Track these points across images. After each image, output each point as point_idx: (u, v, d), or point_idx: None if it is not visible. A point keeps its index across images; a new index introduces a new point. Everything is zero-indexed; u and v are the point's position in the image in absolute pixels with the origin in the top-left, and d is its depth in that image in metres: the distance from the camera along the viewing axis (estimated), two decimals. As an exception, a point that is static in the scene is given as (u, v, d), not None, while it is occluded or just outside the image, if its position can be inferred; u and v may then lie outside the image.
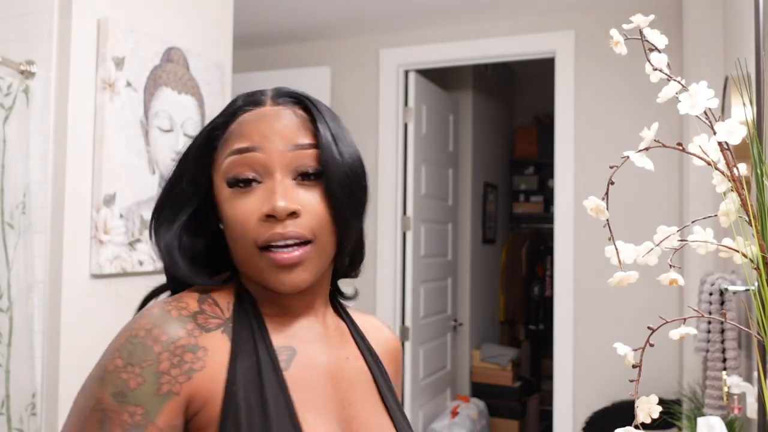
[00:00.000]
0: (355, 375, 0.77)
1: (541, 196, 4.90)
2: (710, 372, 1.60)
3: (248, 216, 0.69)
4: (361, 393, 0.76)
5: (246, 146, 0.70)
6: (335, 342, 0.78)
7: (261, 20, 3.10)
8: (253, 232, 0.69)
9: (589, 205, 0.62)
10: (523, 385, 4.11)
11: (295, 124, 0.73)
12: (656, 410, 0.59)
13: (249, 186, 0.70)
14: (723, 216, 0.63)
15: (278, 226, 0.68)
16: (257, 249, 0.69)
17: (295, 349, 0.72)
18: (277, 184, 0.69)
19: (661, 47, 0.62)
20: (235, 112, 0.75)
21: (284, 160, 0.70)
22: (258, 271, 0.70)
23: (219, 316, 0.71)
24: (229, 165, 0.71)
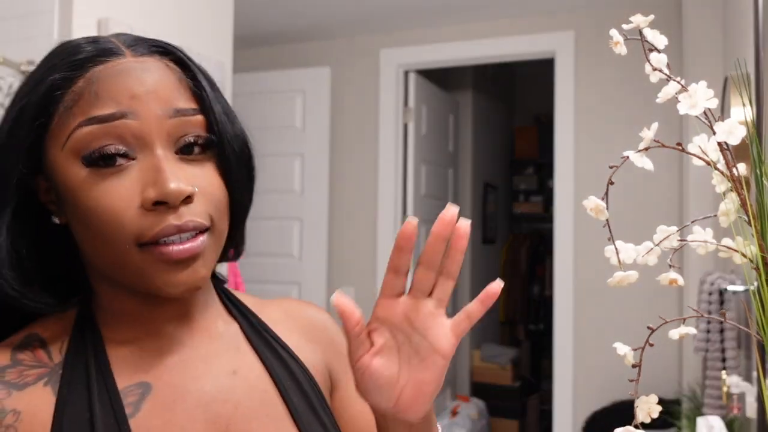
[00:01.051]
0: (245, 391, 0.60)
1: (541, 196, 4.90)
2: (710, 372, 1.60)
3: (123, 204, 0.52)
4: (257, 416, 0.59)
5: (111, 112, 0.52)
6: (219, 355, 0.61)
7: (261, 20, 3.10)
8: (132, 225, 0.52)
9: (589, 205, 0.62)
10: (523, 385, 4.11)
11: (171, 82, 0.56)
12: (656, 410, 0.59)
13: (114, 164, 0.53)
14: (722, 216, 0.63)
15: (170, 216, 0.52)
16: (136, 246, 0.53)
17: (149, 385, 0.56)
18: (162, 161, 0.53)
19: (661, 47, 0.62)
20: (80, 64, 0.54)
21: (164, 129, 0.54)
22: (135, 274, 0.54)
23: (43, 364, 0.55)
24: (85, 137, 0.52)
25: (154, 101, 0.54)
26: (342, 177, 3.25)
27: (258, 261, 3.09)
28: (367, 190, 3.23)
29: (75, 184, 0.53)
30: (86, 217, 0.53)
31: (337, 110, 3.27)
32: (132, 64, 0.55)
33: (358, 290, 3.17)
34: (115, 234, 0.52)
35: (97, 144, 0.52)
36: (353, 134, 3.27)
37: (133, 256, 0.53)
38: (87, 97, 0.53)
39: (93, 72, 0.54)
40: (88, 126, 0.52)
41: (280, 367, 0.63)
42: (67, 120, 0.53)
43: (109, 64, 0.55)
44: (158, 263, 0.53)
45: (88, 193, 0.53)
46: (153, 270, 0.53)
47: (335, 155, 3.25)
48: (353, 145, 3.27)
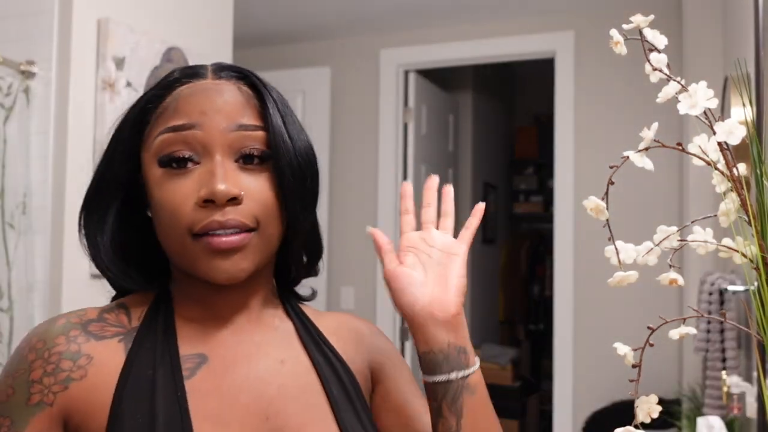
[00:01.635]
0: (289, 380, 0.67)
1: (541, 196, 4.90)
2: (710, 372, 1.60)
3: (182, 200, 0.62)
4: (298, 400, 0.66)
5: (183, 123, 0.63)
6: (271, 344, 0.69)
7: (261, 20, 3.10)
8: (188, 217, 0.62)
9: (589, 205, 0.62)
10: (523, 385, 4.11)
11: (239, 102, 0.66)
12: (656, 410, 0.59)
13: (184, 167, 0.63)
14: (723, 216, 0.63)
15: (217, 213, 0.61)
16: (190, 236, 0.62)
17: (205, 356, 0.65)
18: (217, 166, 0.62)
19: (661, 47, 0.62)
20: (170, 84, 0.66)
21: (226, 140, 0.63)
22: (190, 259, 0.63)
23: (122, 325, 0.65)
24: (161, 143, 0.63)
25: (219, 116, 0.64)
26: (342, 177, 3.25)
27: (258, 261, 3.09)
28: (367, 190, 3.23)
29: (152, 181, 0.64)
30: (157, 209, 0.64)
31: (337, 110, 3.27)
32: (209, 85, 0.66)
33: (358, 290, 3.17)
34: (174, 224, 0.62)
35: (170, 149, 0.63)
36: (353, 134, 3.27)
37: (187, 245, 0.63)
38: (169, 110, 0.65)
39: (178, 90, 0.66)
40: (165, 134, 0.63)
41: (325, 364, 0.70)
42: (154, 129, 0.65)
43: (191, 84, 0.66)
44: (205, 251, 0.62)
45: (160, 188, 0.63)
46: (201, 257, 0.62)
47: (335, 155, 3.25)
48: (353, 145, 3.27)
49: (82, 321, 0.64)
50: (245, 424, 0.63)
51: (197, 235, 0.62)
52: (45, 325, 0.64)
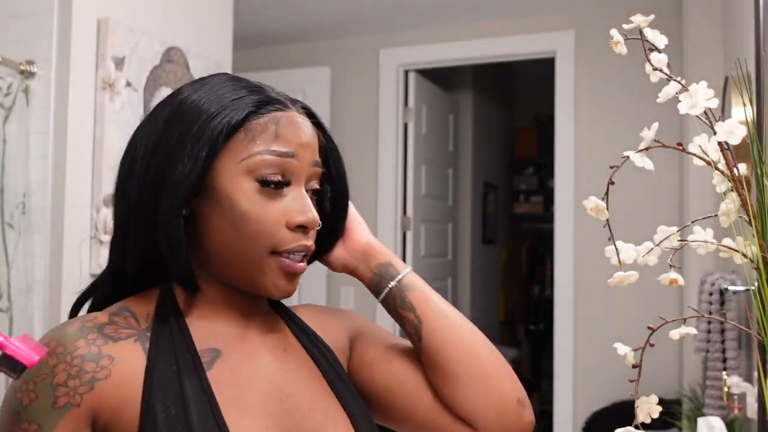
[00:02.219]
0: (293, 366, 0.74)
1: (541, 196, 4.90)
2: (710, 372, 1.60)
3: (276, 219, 0.68)
4: (303, 383, 0.73)
5: (288, 151, 0.69)
6: (271, 335, 0.76)
7: (261, 20, 3.10)
8: (277, 237, 0.68)
9: (589, 205, 0.62)
10: (523, 385, 4.11)
11: (315, 140, 0.74)
12: (656, 410, 0.59)
13: (276, 188, 0.69)
14: (723, 216, 0.63)
15: (304, 238, 0.70)
16: (269, 253, 0.69)
17: (219, 350, 0.70)
18: (305, 197, 0.71)
19: (661, 47, 0.62)
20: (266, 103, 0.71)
21: (308, 174, 0.72)
22: (257, 273, 0.69)
23: (133, 327, 0.69)
24: (263, 162, 0.68)
25: (309, 151, 0.72)
26: (342, 177, 3.24)
27: (258, 261, 3.08)
28: (367, 190, 3.22)
29: (242, 193, 0.68)
30: (241, 221, 0.68)
31: (337, 110, 3.27)
32: (299, 118, 0.73)
33: (357, 290, 3.17)
34: (260, 238, 0.68)
35: (271, 170, 0.68)
36: (353, 134, 3.27)
37: (263, 260, 0.69)
38: (271, 132, 0.69)
39: (275, 114, 0.71)
40: (268, 155, 0.68)
41: (315, 349, 0.77)
42: (249, 144, 0.69)
43: (286, 112, 0.72)
44: (279, 270, 0.69)
45: (251, 203, 0.68)
46: (273, 274, 0.69)
47: (335, 155, 3.24)
48: (353, 145, 3.26)
49: (96, 324, 0.67)
50: (265, 408, 0.69)
51: (275, 253, 0.69)
52: (60, 329, 0.66)
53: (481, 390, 0.73)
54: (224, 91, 0.71)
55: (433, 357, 0.74)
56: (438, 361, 0.74)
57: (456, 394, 0.73)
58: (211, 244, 0.70)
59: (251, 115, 0.70)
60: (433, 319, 0.76)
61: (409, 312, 0.76)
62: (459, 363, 0.73)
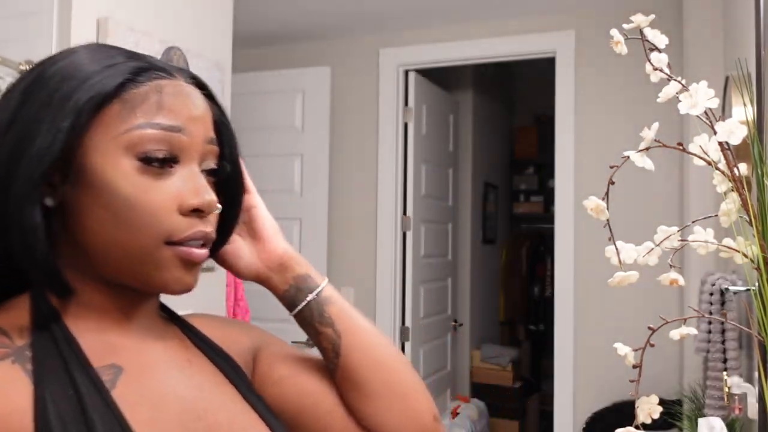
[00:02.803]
0: (202, 379, 0.66)
1: (541, 196, 4.90)
2: (711, 372, 1.59)
3: (166, 204, 0.58)
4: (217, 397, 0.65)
5: (175, 124, 0.59)
6: (172, 347, 0.67)
7: (261, 20, 3.09)
8: (170, 224, 0.58)
9: (590, 205, 0.62)
10: (523, 386, 4.11)
11: (208, 114, 0.64)
12: (657, 410, 0.59)
13: (162, 167, 0.59)
14: (723, 216, 0.62)
15: (201, 224, 0.60)
16: (163, 243, 0.58)
17: (119, 366, 0.60)
18: (199, 176, 0.61)
19: (662, 47, 0.62)
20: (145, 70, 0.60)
21: (202, 151, 0.62)
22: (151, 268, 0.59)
23: (4, 345, 0.57)
24: (145, 137, 0.58)
25: (201, 126, 0.62)
26: (342, 177, 3.24)
27: (258, 261, 3.08)
28: (367, 190, 3.22)
29: (121, 174, 0.57)
30: (123, 207, 0.57)
31: (337, 110, 3.27)
32: (187, 88, 0.63)
33: (357, 290, 3.17)
34: (150, 228, 0.58)
35: (154, 146, 0.58)
36: (353, 134, 3.27)
37: (158, 252, 0.59)
38: (152, 103, 0.59)
39: (158, 83, 0.60)
40: (151, 129, 0.58)
41: (220, 359, 0.70)
42: (127, 117, 0.58)
43: (171, 81, 0.61)
44: (178, 261, 0.60)
45: (133, 186, 0.57)
46: (171, 267, 0.59)
47: (335, 155, 3.25)
48: (353, 145, 3.26)
49: None
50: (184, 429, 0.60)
51: (171, 243, 0.59)
52: None
53: (399, 408, 0.70)
54: (96, 57, 0.60)
55: (352, 374, 0.70)
56: (357, 379, 0.70)
57: (374, 411, 0.70)
58: (89, 239, 0.59)
59: (128, 84, 0.59)
60: (352, 335, 0.71)
61: (327, 327, 0.71)
62: (378, 381, 0.70)
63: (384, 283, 3.16)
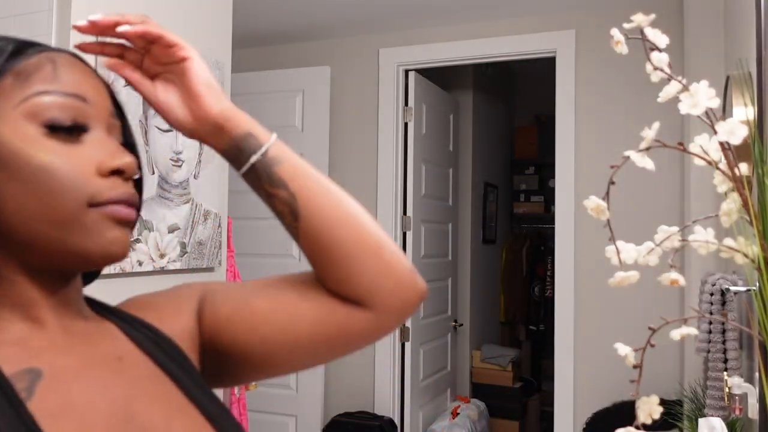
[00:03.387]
0: (134, 375, 0.60)
1: (542, 196, 4.90)
2: (711, 373, 1.59)
3: (84, 167, 0.56)
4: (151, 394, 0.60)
5: (75, 92, 0.57)
6: (101, 342, 0.61)
7: (261, 20, 3.09)
8: (91, 186, 0.55)
9: (590, 205, 0.62)
10: (524, 386, 4.11)
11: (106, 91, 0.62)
12: (657, 411, 0.59)
13: (71, 133, 0.56)
14: (724, 216, 0.62)
15: (122, 185, 0.58)
16: (86, 206, 0.55)
17: (39, 371, 0.54)
18: (113, 140, 0.59)
19: (662, 46, 0.62)
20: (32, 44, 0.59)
21: (108, 123, 0.60)
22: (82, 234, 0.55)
23: None
24: (47, 104, 0.55)
25: (102, 97, 0.60)
26: (341, 176, 3.24)
27: (258, 261, 3.08)
28: (367, 190, 3.22)
29: (28, 143, 0.54)
30: (39, 174, 0.54)
31: (337, 110, 3.27)
32: (81, 63, 0.61)
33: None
34: (70, 192, 0.55)
35: (58, 114, 0.56)
36: (353, 134, 3.27)
37: (84, 216, 0.55)
38: (48, 71, 0.57)
39: (48, 54, 0.58)
40: (53, 96, 0.56)
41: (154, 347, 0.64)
42: (23, 86, 0.56)
43: (61, 53, 0.59)
44: (108, 221, 0.57)
45: (47, 152, 0.55)
46: (102, 229, 0.56)
47: (335, 155, 3.25)
48: (353, 145, 3.26)
49: None
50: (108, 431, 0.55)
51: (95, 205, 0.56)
52: None
53: (374, 265, 0.65)
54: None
55: (317, 237, 0.65)
56: (323, 241, 0.65)
57: (346, 274, 0.65)
58: (11, 220, 0.55)
59: (16, 56, 0.57)
60: (309, 194, 0.65)
61: (279, 188, 0.65)
62: (348, 239, 0.65)
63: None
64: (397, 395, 3.17)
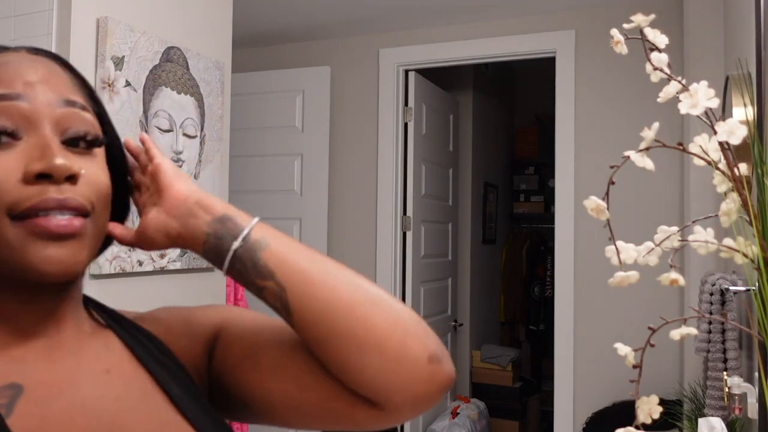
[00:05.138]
0: (122, 387, 0.58)
1: (541, 196, 4.90)
2: (711, 372, 1.59)
3: (3, 176, 0.52)
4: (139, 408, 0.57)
5: (4, 92, 0.54)
6: (91, 355, 0.59)
7: (261, 20, 3.09)
8: (11, 195, 0.51)
9: (590, 205, 0.62)
10: (524, 386, 4.11)
11: (64, 77, 0.59)
12: (657, 411, 0.59)
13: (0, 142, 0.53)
14: (724, 216, 0.62)
15: (52, 190, 0.52)
16: (8, 218, 0.51)
17: (20, 387, 0.52)
18: (50, 140, 0.54)
19: (662, 47, 0.62)
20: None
21: (54, 117, 0.55)
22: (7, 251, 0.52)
23: None
24: None
25: (46, 89, 0.56)
26: (342, 177, 3.24)
27: (258, 261, 3.08)
28: (367, 190, 3.22)
29: None
30: None
31: (337, 110, 3.27)
32: (26, 56, 0.58)
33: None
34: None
35: None
36: (353, 134, 3.27)
37: (5, 230, 0.51)
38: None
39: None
40: None
41: (154, 361, 0.61)
42: None
43: (4, 53, 0.57)
44: (34, 237, 0.51)
45: None
46: (28, 245, 0.52)
47: (335, 155, 3.25)
48: (353, 145, 3.26)
49: None
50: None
51: (20, 217, 0.51)
52: None
53: (377, 360, 0.56)
54: None
55: (311, 331, 0.58)
56: (318, 335, 0.57)
57: (347, 369, 0.57)
58: None
59: None
60: (301, 283, 0.58)
61: (267, 280, 0.58)
62: (344, 332, 0.57)
63: (384, 283, 3.16)
64: (397, 395, 3.17)
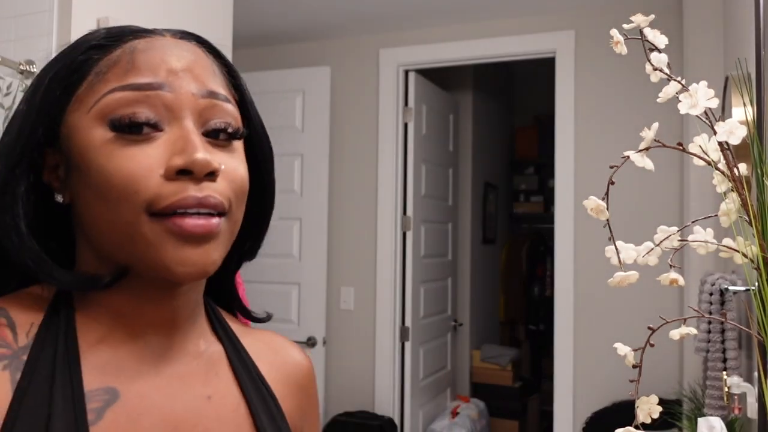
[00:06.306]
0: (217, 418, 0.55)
1: (541, 196, 4.90)
2: (710, 372, 1.59)
3: (145, 170, 0.49)
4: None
5: (148, 81, 0.51)
6: (196, 375, 0.56)
7: (261, 20, 3.10)
8: (151, 191, 0.49)
9: (590, 205, 0.62)
10: (524, 386, 4.11)
11: (208, 66, 0.55)
12: (656, 410, 0.59)
13: (141, 133, 0.50)
14: (723, 216, 0.62)
15: (192, 188, 0.49)
16: (147, 215, 0.49)
17: (116, 392, 0.51)
18: (192, 133, 0.51)
19: (662, 47, 0.62)
20: (119, 35, 0.54)
21: (196, 108, 0.53)
22: (143, 248, 0.50)
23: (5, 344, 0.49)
24: (117, 101, 0.50)
25: (189, 78, 0.53)
26: (342, 177, 3.24)
27: (258, 261, 3.06)
28: (367, 190, 3.22)
29: (95, 146, 0.50)
30: (100, 181, 0.50)
31: (337, 110, 3.27)
32: (170, 41, 0.55)
33: (357, 290, 3.17)
34: (127, 199, 0.49)
35: (128, 110, 0.50)
36: (353, 134, 3.27)
37: (142, 226, 0.49)
38: (123, 64, 0.52)
39: (132, 43, 0.53)
40: (122, 91, 0.51)
41: (258, 399, 0.59)
42: (99, 85, 0.52)
43: (148, 38, 0.54)
44: (170, 236, 0.49)
45: (109, 156, 0.50)
46: (163, 244, 0.49)
47: (335, 155, 3.25)
48: (353, 145, 3.26)
49: None
50: None
51: (159, 214, 0.49)
52: None
53: None
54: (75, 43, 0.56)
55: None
56: None
57: None
58: (89, 229, 0.52)
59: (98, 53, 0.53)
60: None
61: None
62: None
63: (384, 283, 3.16)
64: (397, 395, 3.17)
